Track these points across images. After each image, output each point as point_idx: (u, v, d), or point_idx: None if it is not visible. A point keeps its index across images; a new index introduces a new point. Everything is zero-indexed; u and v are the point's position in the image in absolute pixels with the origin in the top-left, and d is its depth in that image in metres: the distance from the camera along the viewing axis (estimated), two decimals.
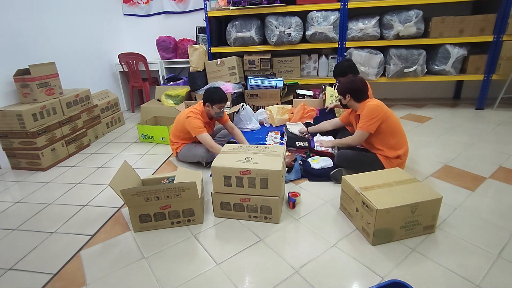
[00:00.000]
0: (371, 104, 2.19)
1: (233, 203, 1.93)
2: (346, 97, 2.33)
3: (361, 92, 2.29)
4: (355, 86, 2.28)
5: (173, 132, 2.80)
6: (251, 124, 3.51)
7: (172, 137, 2.82)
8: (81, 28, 3.96)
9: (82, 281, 1.57)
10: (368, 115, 2.17)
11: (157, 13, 4.63)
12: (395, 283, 1.19)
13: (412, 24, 3.60)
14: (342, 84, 2.37)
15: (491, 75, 3.72)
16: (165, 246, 1.78)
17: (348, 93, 2.31)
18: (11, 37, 3.02)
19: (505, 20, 3.47)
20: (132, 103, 4.78)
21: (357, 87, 2.28)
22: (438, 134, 3.15)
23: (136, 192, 1.78)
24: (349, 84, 2.31)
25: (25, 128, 2.76)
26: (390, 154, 2.21)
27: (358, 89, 2.28)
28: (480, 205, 1.99)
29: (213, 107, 2.61)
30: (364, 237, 1.74)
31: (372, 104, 2.19)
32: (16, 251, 1.83)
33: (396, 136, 2.21)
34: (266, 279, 1.50)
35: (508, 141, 2.91)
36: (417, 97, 4.53)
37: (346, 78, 2.41)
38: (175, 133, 2.77)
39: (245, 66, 4.11)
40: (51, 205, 2.31)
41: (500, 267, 1.50)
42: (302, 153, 2.66)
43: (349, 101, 2.34)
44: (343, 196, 1.96)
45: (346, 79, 2.40)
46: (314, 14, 3.74)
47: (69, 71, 3.65)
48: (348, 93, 2.31)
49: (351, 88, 2.29)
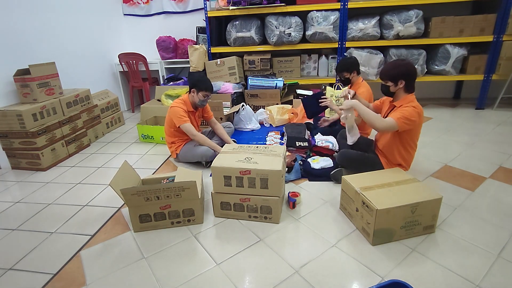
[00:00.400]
0: (418, 107, 1.98)
1: (233, 203, 1.93)
2: (399, 83, 2.01)
3: (414, 80, 2.02)
4: (412, 71, 1.99)
5: (166, 129, 2.81)
6: (251, 124, 3.51)
7: (167, 136, 2.82)
8: (81, 28, 3.96)
9: (82, 281, 1.57)
10: (409, 115, 1.94)
11: (157, 13, 4.63)
12: (395, 283, 1.18)
13: (412, 24, 3.60)
14: (394, 67, 2.02)
15: (491, 75, 3.72)
16: (165, 246, 1.78)
17: (403, 78, 1.99)
18: (11, 37, 3.02)
19: (505, 20, 3.47)
20: (132, 103, 4.78)
21: (414, 73, 1.99)
22: (438, 134, 3.15)
23: (136, 192, 1.78)
24: (404, 68, 1.98)
25: (25, 128, 2.76)
26: (393, 160, 2.18)
27: (414, 76, 2.00)
28: (480, 205, 1.99)
29: (198, 94, 2.63)
30: (364, 237, 1.74)
31: (419, 108, 1.98)
32: (16, 251, 1.83)
33: (408, 149, 2.13)
34: (266, 279, 1.50)
35: (508, 141, 2.91)
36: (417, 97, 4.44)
37: (397, 61, 2.06)
38: (168, 129, 2.78)
39: (245, 66, 4.11)
40: (51, 205, 2.31)
41: (500, 267, 1.50)
42: (302, 153, 2.66)
43: (399, 89, 2.03)
44: (343, 196, 1.96)
45: (398, 61, 2.05)
46: (314, 14, 3.74)
47: (69, 71, 3.65)
48: (403, 78, 1.99)
49: (407, 73, 1.98)
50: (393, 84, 2.04)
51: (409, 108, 1.96)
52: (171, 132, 2.75)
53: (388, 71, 2.06)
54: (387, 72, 2.06)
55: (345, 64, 2.81)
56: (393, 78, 2.03)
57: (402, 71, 1.99)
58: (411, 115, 1.94)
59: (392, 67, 2.04)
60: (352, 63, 2.79)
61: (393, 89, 2.06)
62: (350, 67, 2.77)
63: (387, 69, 2.07)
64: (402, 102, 2.03)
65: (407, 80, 2.00)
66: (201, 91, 2.63)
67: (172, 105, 2.66)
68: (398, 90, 2.05)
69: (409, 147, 2.12)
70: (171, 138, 2.78)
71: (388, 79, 2.05)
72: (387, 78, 2.06)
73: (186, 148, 2.74)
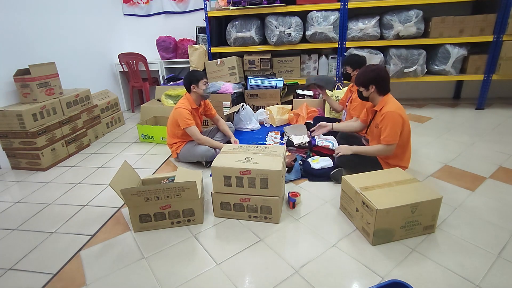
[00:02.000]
0: (394, 113, 2.00)
1: (233, 203, 1.93)
2: (370, 88, 2.09)
3: (386, 83, 2.07)
4: (381, 76, 2.05)
5: (169, 130, 2.80)
6: (251, 124, 3.51)
7: (169, 137, 2.81)
8: (81, 28, 3.96)
9: (82, 281, 1.57)
10: (393, 125, 1.99)
11: (157, 13, 4.63)
12: (395, 283, 1.19)
13: (412, 24, 3.60)
14: (365, 73, 2.11)
15: (491, 75, 3.72)
16: (165, 246, 1.78)
17: (373, 83, 2.07)
18: (11, 37, 3.02)
19: (505, 20, 3.47)
20: (132, 103, 4.78)
21: (384, 77, 2.05)
22: (438, 134, 3.15)
23: (136, 192, 1.78)
24: (373, 73, 2.06)
25: (25, 128, 2.76)
26: (392, 162, 2.19)
27: (384, 79, 2.05)
28: (480, 205, 1.99)
29: (198, 85, 2.65)
30: (364, 237, 1.74)
31: (394, 112, 2.00)
32: (16, 251, 1.83)
33: (403, 148, 2.15)
34: (266, 279, 1.50)
35: (508, 141, 2.91)
36: (417, 97, 4.53)
37: (368, 67, 2.15)
38: (171, 130, 2.77)
39: (245, 66, 4.11)
40: (51, 205, 2.31)
41: (500, 267, 1.50)
42: (302, 153, 2.66)
43: (372, 93, 2.11)
44: (343, 196, 1.96)
45: (369, 67, 2.14)
46: (314, 14, 3.74)
47: (69, 71, 3.65)
48: (373, 83, 2.07)
49: (376, 78, 2.06)
50: (365, 89, 2.13)
51: (390, 120, 2.00)
52: (174, 133, 2.75)
53: (359, 77, 2.14)
54: (358, 79, 2.15)
55: (352, 59, 2.82)
56: (363, 84, 2.12)
57: (372, 76, 2.07)
58: (395, 125, 2.00)
59: (362, 73, 2.13)
60: (359, 61, 2.80)
61: (366, 94, 2.15)
62: (355, 64, 2.78)
63: (358, 76, 2.16)
64: (380, 105, 2.11)
65: (377, 84, 2.07)
66: (199, 81, 2.65)
67: (177, 106, 2.66)
68: (371, 94, 2.13)
69: (402, 146, 2.15)
70: (173, 138, 2.78)
71: (360, 85, 2.15)
72: (359, 84, 2.15)
73: (186, 148, 2.74)
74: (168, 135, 2.82)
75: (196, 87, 2.66)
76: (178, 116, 2.62)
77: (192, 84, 2.65)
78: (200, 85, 2.65)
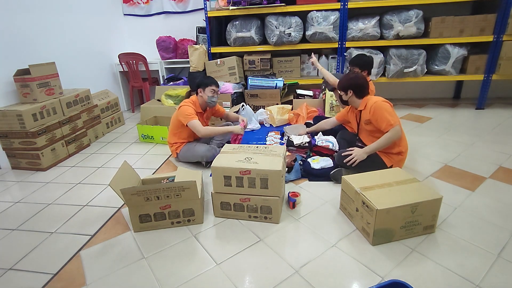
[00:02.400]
0: (379, 101, 2.18)
1: (233, 203, 1.93)
2: (348, 92, 2.32)
3: (364, 88, 2.29)
4: (358, 82, 2.28)
5: (170, 130, 2.80)
6: (251, 124, 3.51)
7: (170, 137, 2.81)
8: (81, 28, 3.96)
9: (82, 281, 1.57)
10: (385, 111, 2.13)
11: (157, 13, 4.63)
12: (395, 283, 1.19)
13: (412, 24, 3.60)
14: (344, 80, 2.36)
15: (491, 75, 3.72)
16: (165, 246, 1.78)
17: (350, 88, 2.30)
18: (11, 37, 3.02)
19: (505, 20, 3.47)
20: (132, 103, 4.78)
21: (360, 83, 2.28)
22: (438, 134, 3.15)
23: (136, 192, 1.78)
24: (351, 80, 2.31)
25: (25, 128, 2.76)
26: (391, 150, 2.21)
27: (361, 85, 2.28)
28: (480, 205, 1.99)
29: (205, 91, 2.64)
30: (364, 237, 1.74)
31: (379, 101, 2.18)
32: (16, 251, 1.83)
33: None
34: (266, 279, 1.50)
35: (508, 141, 2.91)
36: (417, 97, 4.53)
37: (348, 74, 2.41)
38: (172, 131, 2.77)
39: (245, 66, 4.11)
40: (51, 205, 2.31)
41: (500, 267, 1.50)
42: (302, 153, 2.66)
43: (350, 97, 2.33)
44: (343, 196, 1.96)
45: (348, 75, 2.39)
46: (314, 14, 3.74)
47: (69, 71, 3.65)
48: (350, 88, 2.30)
49: (353, 84, 2.29)
50: (344, 93, 2.36)
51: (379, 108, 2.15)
52: (175, 133, 2.74)
53: (340, 83, 2.40)
54: (339, 84, 2.40)
55: (360, 59, 2.82)
56: (343, 89, 2.35)
57: (350, 83, 2.31)
58: (387, 108, 2.14)
59: (343, 79, 2.38)
60: (367, 62, 2.81)
61: (345, 98, 2.37)
62: (364, 65, 2.79)
63: (339, 81, 2.41)
64: (362, 105, 2.29)
65: (354, 90, 2.29)
66: (207, 86, 2.63)
67: (181, 104, 2.66)
68: (350, 98, 2.34)
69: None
70: (174, 138, 2.77)
71: (340, 89, 2.39)
72: (339, 88, 2.39)
73: (187, 147, 2.73)
74: (170, 133, 2.81)
75: (202, 92, 2.65)
76: (180, 112, 2.60)
77: (200, 87, 2.65)
78: (206, 91, 2.64)
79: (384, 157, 2.22)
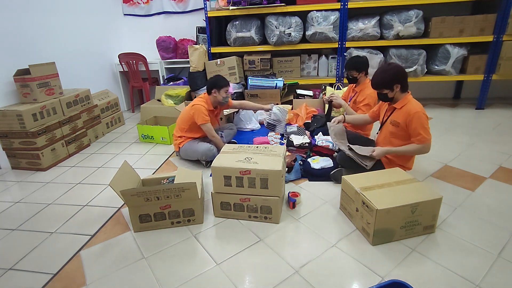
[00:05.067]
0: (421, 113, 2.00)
1: (233, 203, 1.93)
2: (395, 88, 2.05)
3: (407, 80, 2.06)
4: (402, 73, 2.03)
5: (178, 124, 2.81)
6: (251, 124, 3.51)
7: (177, 131, 2.82)
8: (81, 28, 3.96)
9: (82, 281, 1.58)
10: (425, 124, 1.99)
11: (157, 13, 4.63)
12: (395, 283, 1.19)
13: (412, 24, 3.60)
14: (385, 74, 2.06)
15: (491, 75, 3.72)
16: (165, 246, 1.78)
17: (397, 83, 2.03)
18: (11, 37, 3.02)
19: (505, 20, 3.47)
20: (132, 103, 4.78)
21: (404, 74, 2.04)
22: (438, 134, 3.15)
23: (136, 193, 1.78)
24: (394, 71, 2.03)
25: (25, 128, 2.76)
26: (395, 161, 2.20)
27: (405, 76, 2.04)
28: (480, 205, 1.99)
29: (220, 92, 2.71)
30: (364, 237, 1.74)
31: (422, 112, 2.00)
32: (16, 251, 1.83)
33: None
34: (266, 279, 1.50)
35: (508, 141, 2.91)
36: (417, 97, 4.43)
37: (385, 66, 2.11)
38: (180, 125, 2.79)
39: (245, 66, 4.11)
40: (51, 205, 2.31)
41: (500, 267, 1.50)
42: (302, 153, 2.66)
43: (397, 93, 2.07)
44: (343, 196, 1.96)
45: (385, 69, 2.08)
46: (314, 14, 3.74)
47: (69, 71, 3.65)
48: (397, 83, 2.03)
49: (400, 77, 2.03)
50: (389, 90, 2.08)
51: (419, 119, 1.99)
52: (183, 128, 2.76)
53: (380, 79, 2.09)
54: (380, 81, 2.09)
55: (356, 62, 2.77)
56: (387, 85, 2.06)
57: (396, 76, 2.03)
58: (425, 122, 2.00)
59: (382, 75, 2.07)
60: (363, 62, 2.78)
61: (391, 95, 2.10)
62: (361, 66, 2.75)
63: (379, 78, 2.10)
64: (402, 103, 2.09)
65: (401, 83, 2.04)
66: (222, 88, 2.71)
67: (195, 102, 2.70)
68: (396, 94, 2.09)
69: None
70: (181, 132, 2.78)
71: (383, 87, 2.09)
72: (382, 86, 2.09)
73: (189, 144, 2.73)
74: (178, 127, 2.82)
75: (217, 93, 2.71)
76: (196, 111, 2.64)
77: (214, 88, 2.70)
78: (221, 92, 2.72)
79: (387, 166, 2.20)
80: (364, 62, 2.78)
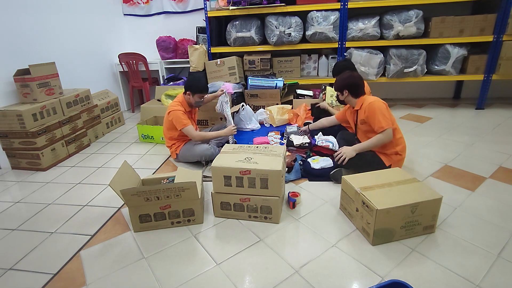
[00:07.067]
0: (375, 102, 2.17)
1: (233, 203, 1.93)
2: (344, 92, 2.32)
3: (358, 87, 2.28)
4: (352, 81, 2.28)
5: (165, 135, 2.81)
6: (251, 124, 3.51)
7: (167, 141, 2.82)
8: (81, 28, 3.96)
9: (82, 281, 1.58)
10: (379, 112, 2.13)
11: (157, 13, 4.63)
12: (395, 283, 1.19)
13: (412, 24, 3.60)
14: (339, 80, 2.35)
15: (491, 75, 3.72)
16: (165, 246, 1.78)
17: (345, 88, 2.30)
18: (11, 37, 3.02)
19: (505, 20, 3.47)
20: (132, 103, 4.78)
21: (355, 82, 2.28)
22: (438, 134, 3.15)
23: (136, 192, 1.78)
24: (346, 80, 2.30)
25: (25, 128, 2.76)
26: (389, 151, 2.22)
27: (356, 84, 2.27)
28: (480, 205, 1.99)
29: (193, 96, 2.66)
30: (364, 237, 1.74)
31: (374, 102, 2.17)
32: (16, 251, 1.83)
33: (395, 133, 2.21)
34: (266, 279, 1.50)
35: (508, 141, 2.91)
36: (417, 97, 4.53)
37: (343, 74, 2.39)
38: (167, 135, 2.78)
39: (245, 66, 4.11)
40: (51, 205, 2.31)
41: (500, 267, 1.50)
42: (302, 153, 2.66)
43: (346, 97, 2.33)
44: (343, 196, 1.96)
45: (343, 74, 2.37)
46: (314, 14, 3.74)
47: (69, 71, 3.65)
48: (345, 88, 2.30)
49: (349, 84, 2.29)
50: (340, 93, 2.36)
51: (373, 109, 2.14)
52: (170, 134, 2.75)
53: (335, 83, 2.38)
54: (335, 84, 2.40)
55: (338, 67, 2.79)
56: (338, 89, 2.35)
57: (345, 83, 2.29)
58: (381, 109, 2.13)
59: (338, 80, 2.36)
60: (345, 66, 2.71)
61: (341, 98, 2.37)
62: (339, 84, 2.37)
63: (335, 82, 2.40)
64: (358, 105, 2.29)
65: (350, 89, 2.29)
66: (196, 94, 2.66)
67: (171, 108, 2.65)
68: (346, 98, 2.33)
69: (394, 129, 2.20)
70: (170, 140, 2.78)
71: (336, 89, 2.39)
72: (336, 89, 2.39)
73: (186, 147, 2.74)
74: (165, 136, 2.82)
75: (191, 96, 2.66)
76: (174, 118, 2.61)
77: (189, 90, 2.66)
78: (195, 97, 2.67)
79: (383, 157, 2.23)
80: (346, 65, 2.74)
